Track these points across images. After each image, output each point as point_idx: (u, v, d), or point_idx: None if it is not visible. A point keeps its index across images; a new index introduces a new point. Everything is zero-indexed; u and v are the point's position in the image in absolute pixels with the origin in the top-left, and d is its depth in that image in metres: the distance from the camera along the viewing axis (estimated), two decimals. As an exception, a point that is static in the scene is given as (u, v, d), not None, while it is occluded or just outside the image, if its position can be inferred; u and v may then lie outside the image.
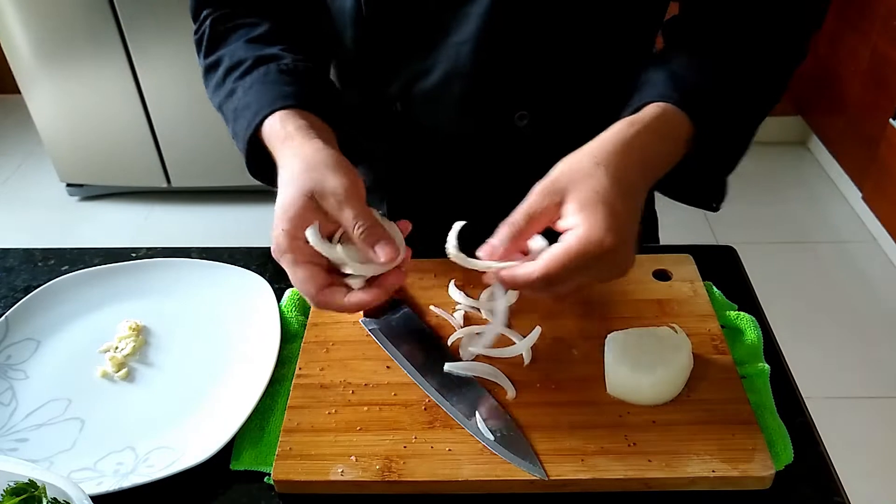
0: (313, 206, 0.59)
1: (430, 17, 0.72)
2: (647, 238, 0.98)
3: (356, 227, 0.58)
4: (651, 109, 0.64)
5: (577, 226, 0.55)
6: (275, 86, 0.67)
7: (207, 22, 0.75)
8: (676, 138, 0.64)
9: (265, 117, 0.65)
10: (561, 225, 0.57)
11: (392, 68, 0.76)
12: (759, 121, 0.73)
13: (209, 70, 0.74)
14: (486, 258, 0.58)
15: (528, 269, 0.55)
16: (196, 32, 0.77)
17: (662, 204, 0.91)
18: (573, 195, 0.57)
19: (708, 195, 0.73)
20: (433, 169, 0.84)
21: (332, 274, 0.61)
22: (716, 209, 0.73)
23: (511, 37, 0.71)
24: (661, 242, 0.81)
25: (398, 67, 0.76)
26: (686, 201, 0.73)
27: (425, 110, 0.77)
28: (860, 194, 2.37)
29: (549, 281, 0.55)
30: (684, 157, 0.66)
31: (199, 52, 0.76)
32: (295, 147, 0.62)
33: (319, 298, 0.59)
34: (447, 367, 0.64)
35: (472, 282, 0.74)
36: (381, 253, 0.58)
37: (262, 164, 0.68)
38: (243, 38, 0.73)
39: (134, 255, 0.82)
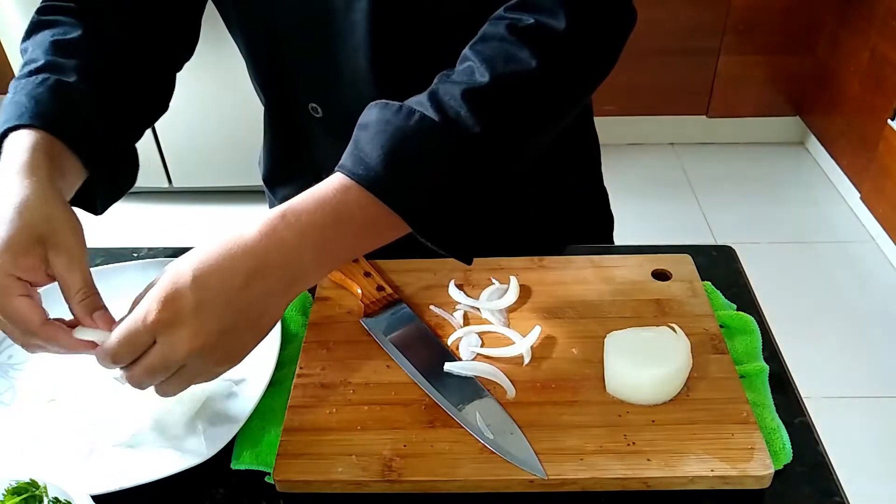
0: (40, 253, 0.57)
1: (322, 26, 0.72)
2: (600, 238, 0.98)
3: (80, 292, 0.57)
4: (321, 193, 0.57)
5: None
6: (39, 101, 0.63)
7: (39, 7, 0.73)
8: (362, 223, 0.58)
9: (14, 127, 0.62)
10: None
11: (304, 74, 0.77)
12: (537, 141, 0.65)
13: (21, 52, 0.72)
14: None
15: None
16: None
17: (662, 204, 0.91)
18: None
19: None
20: None
21: None
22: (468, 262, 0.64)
23: (399, 37, 0.71)
24: (660, 243, 0.81)
25: (311, 74, 0.77)
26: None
27: (343, 114, 0.76)
28: (858, 194, 2.38)
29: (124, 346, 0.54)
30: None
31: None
32: (34, 178, 0.59)
33: (42, 331, 0.56)
34: (447, 366, 0.64)
35: (472, 282, 0.74)
36: (101, 321, 0.57)
37: None
38: (50, 38, 0.69)
39: (136, 255, 0.82)
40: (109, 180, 0.70)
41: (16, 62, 2.26)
